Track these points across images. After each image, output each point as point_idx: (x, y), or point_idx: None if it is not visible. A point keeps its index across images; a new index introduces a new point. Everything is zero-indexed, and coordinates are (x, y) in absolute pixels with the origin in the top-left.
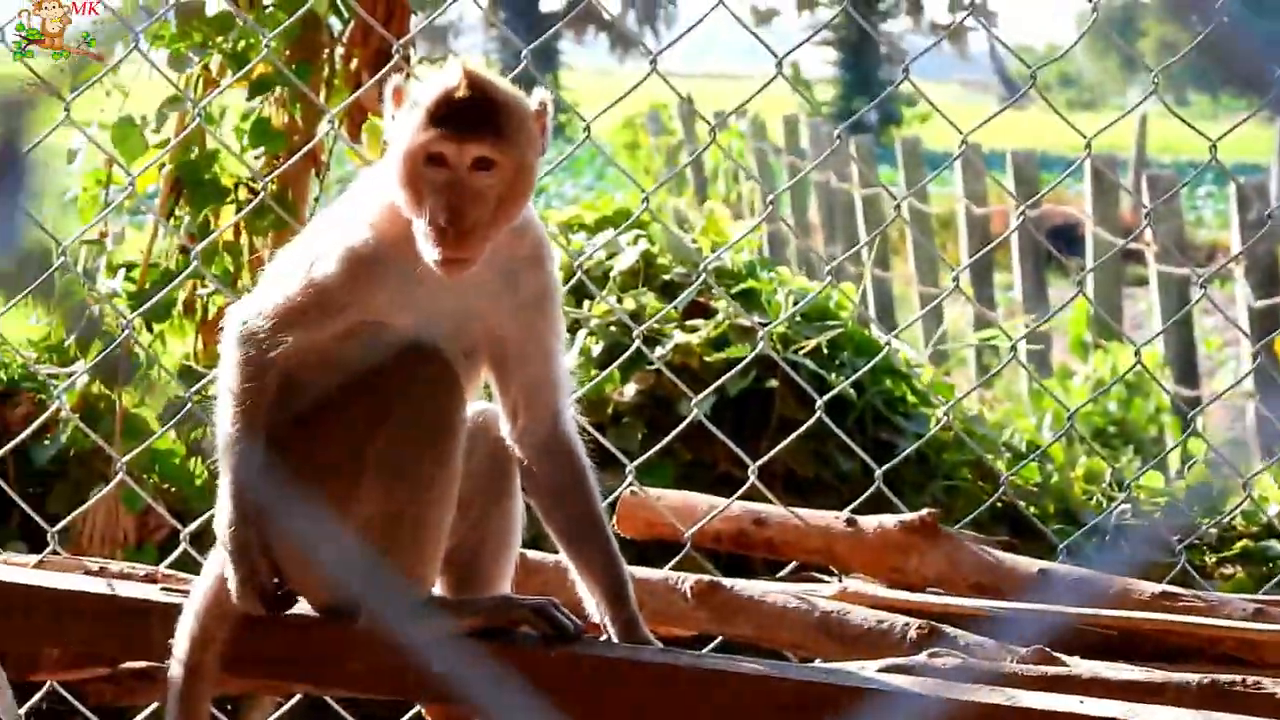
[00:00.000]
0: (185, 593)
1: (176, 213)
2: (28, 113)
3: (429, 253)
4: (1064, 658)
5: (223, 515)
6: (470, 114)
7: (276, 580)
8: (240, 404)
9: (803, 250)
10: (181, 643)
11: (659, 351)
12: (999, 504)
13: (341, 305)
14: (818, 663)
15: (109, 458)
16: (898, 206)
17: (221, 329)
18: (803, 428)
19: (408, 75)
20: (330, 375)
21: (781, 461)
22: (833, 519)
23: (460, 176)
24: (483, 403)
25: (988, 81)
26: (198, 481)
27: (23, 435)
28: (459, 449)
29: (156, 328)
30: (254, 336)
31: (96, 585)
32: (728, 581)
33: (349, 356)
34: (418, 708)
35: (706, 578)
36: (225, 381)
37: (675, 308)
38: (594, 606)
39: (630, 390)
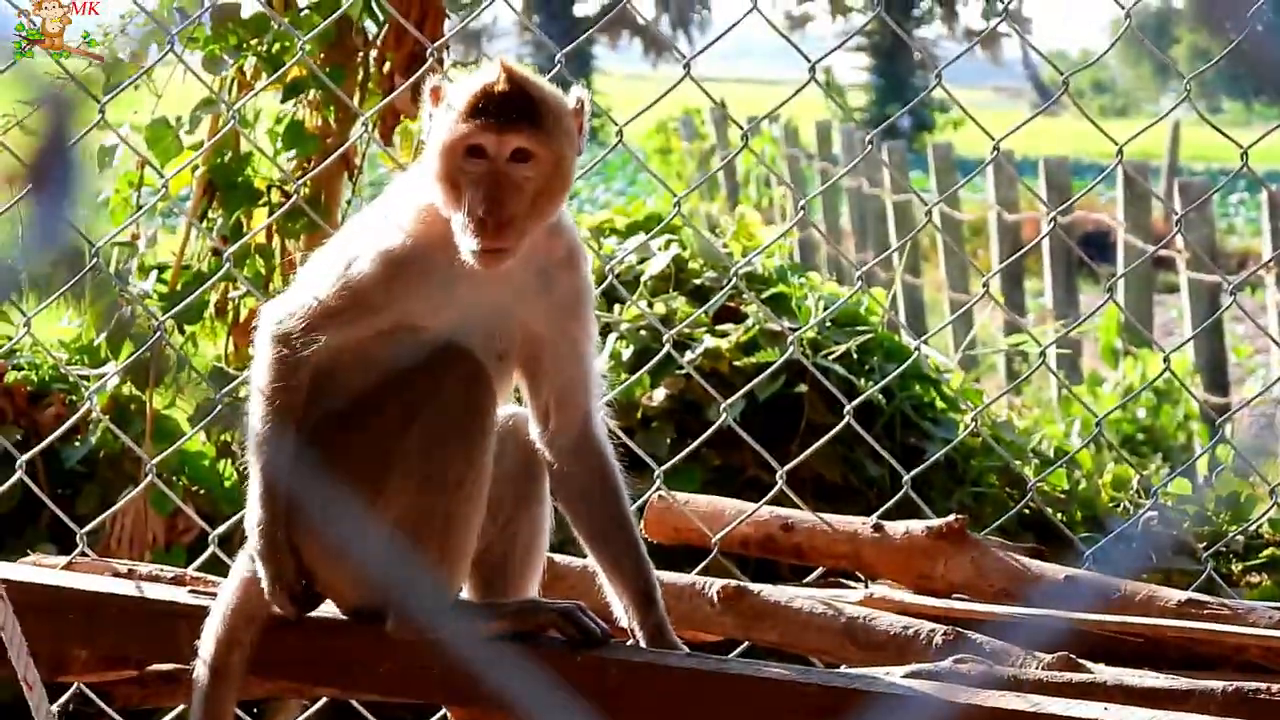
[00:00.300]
0: (213, 595)
1: (209, 215)
2: (71, 111)
3: (467, 244)
4: (1089, 664)
5: (253, 513)
6: (509, 106)
7: (304, 581)
8: (272, 402)
9: (833, 256)
10: (208, 645)
11: (689, 356)
12: (1026, 510)
13: (376, 306)
14: (843, 668)
15: (138, 459)
16: (929, 212)
17: (254, 330)
18: (831, 433)
19: (443, 78)
20: (362, 375)
21: (810, 467)
22: (860, 524)
23: (499, 168)
24: (513, 406)
25: (1021, 88)
26: (227, 484)
27: (53, 436)
28: (490, 451)
29: (188, 329)
30: (287, 336)
31: (125, 587)
32: (754, 587)
33: (381, 356)
34: (444, 711)
35: (733, 583)
36: (257, 380)
37: (705, 312)
38: (622, 611)
39: (660, 394)
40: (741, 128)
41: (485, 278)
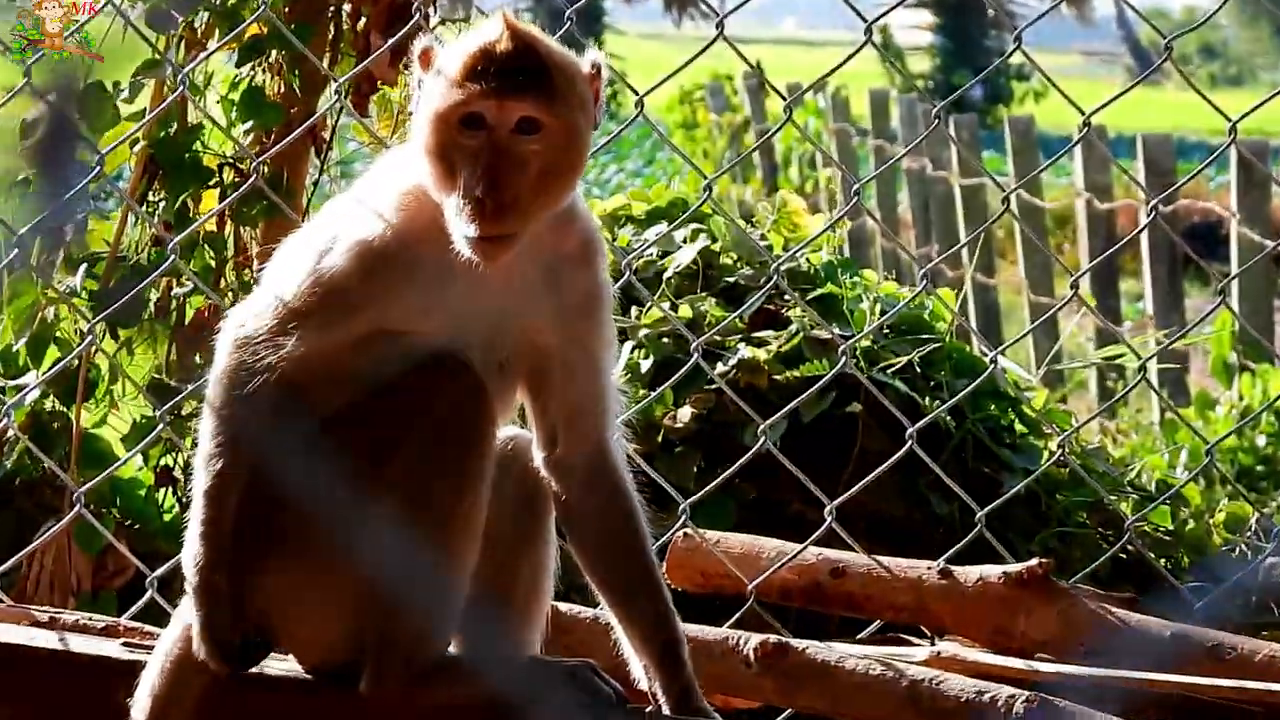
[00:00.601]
0: (150, 649)
1: (150, 197)
2: None
3: (462, 231)
4: None
5: (191, 548)
6: (513, 69)
7: (258, 634)
8: (225, 418)
9: (891, 250)
10: (142, 706)
11: (720, 368)
12: (1123, 554)
13: (353, 308)
14: None
15: (62, 488)
16: (1006, 199)
17: (206, 336)
18: (890, 461)
19: (432, 37)
20: (336, 390)
21: (864, 501)
22: (925, 569)
23: (500, 140)
24: (513, 428)
25: (1115, 52)
26: (167, 517)
27: None
28: (487, 479)
29: (123, 334)
30: (248, 342)
31: (47, 639)
32: (798, 643)
33: (359, 368)
34: None
35: (773, 638)
36: (213, 391)
37: (740, 316)
38: (641, 671)
39: (685, 414)
40: (784, 97)
41: (483, 275)
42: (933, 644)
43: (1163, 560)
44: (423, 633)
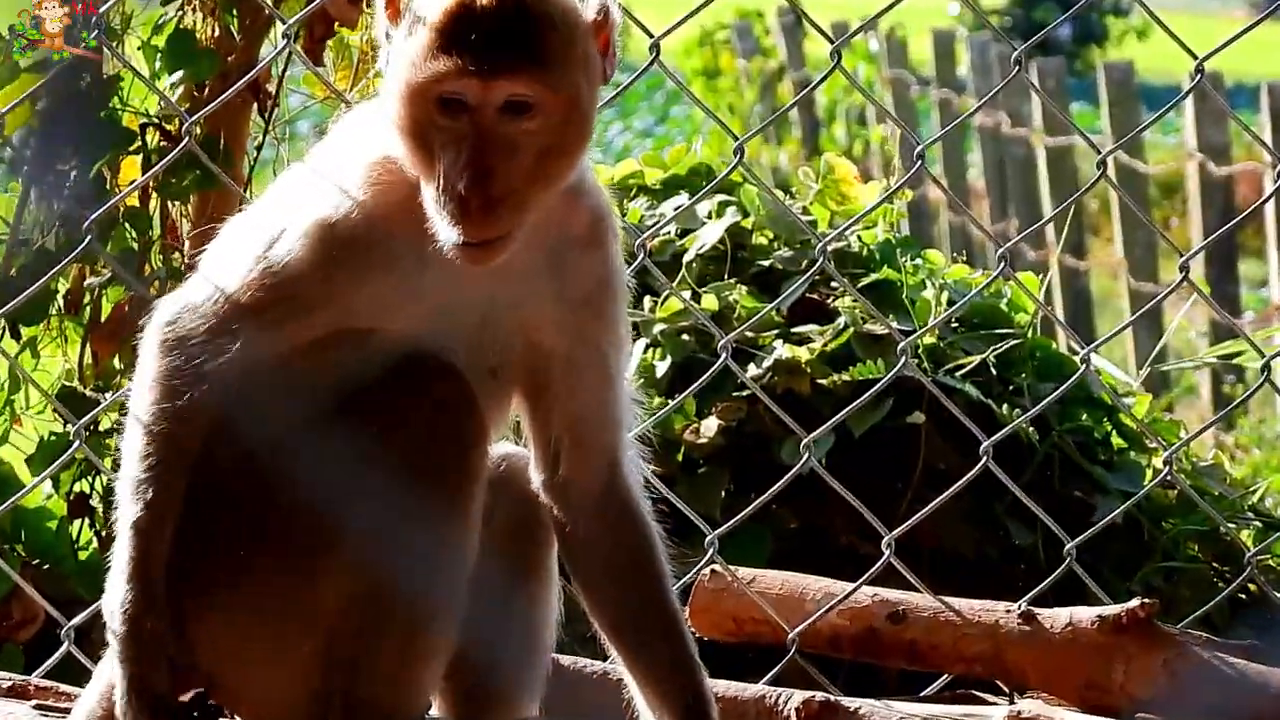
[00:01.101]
0: (66, 711)
1: (58, 166)
2: None
3: (445, 233)
4: None
5: (115, 591)
6: (499, 33)
7: (200, 691)
8: (155, 435)
9: (960, 226)
10: None
11: (753, 370)
12: (1242, 594)
13: (311, 303)
14: None
15: None
16: (1102, 163)
17: (128, 335)
18: (960, 483)
19: None
20: (291, 401)
21: (929, 531)
22: (1003, 612)
23: (486, 123)
24: (507, 446)
25: None
26: (84, 555)
27: None
28: (476, 507)
29: (26, 332)
30: (182, 342)
31: None
32: (850, 702)
33: (319, 375)
34: None
35: (819, 695)
36: (138, 402)
37: (778, 308)
38: None
39: (711, 426)
40: (829, 38)
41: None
42: (1012, 702)
43: None
44: (399, 691)
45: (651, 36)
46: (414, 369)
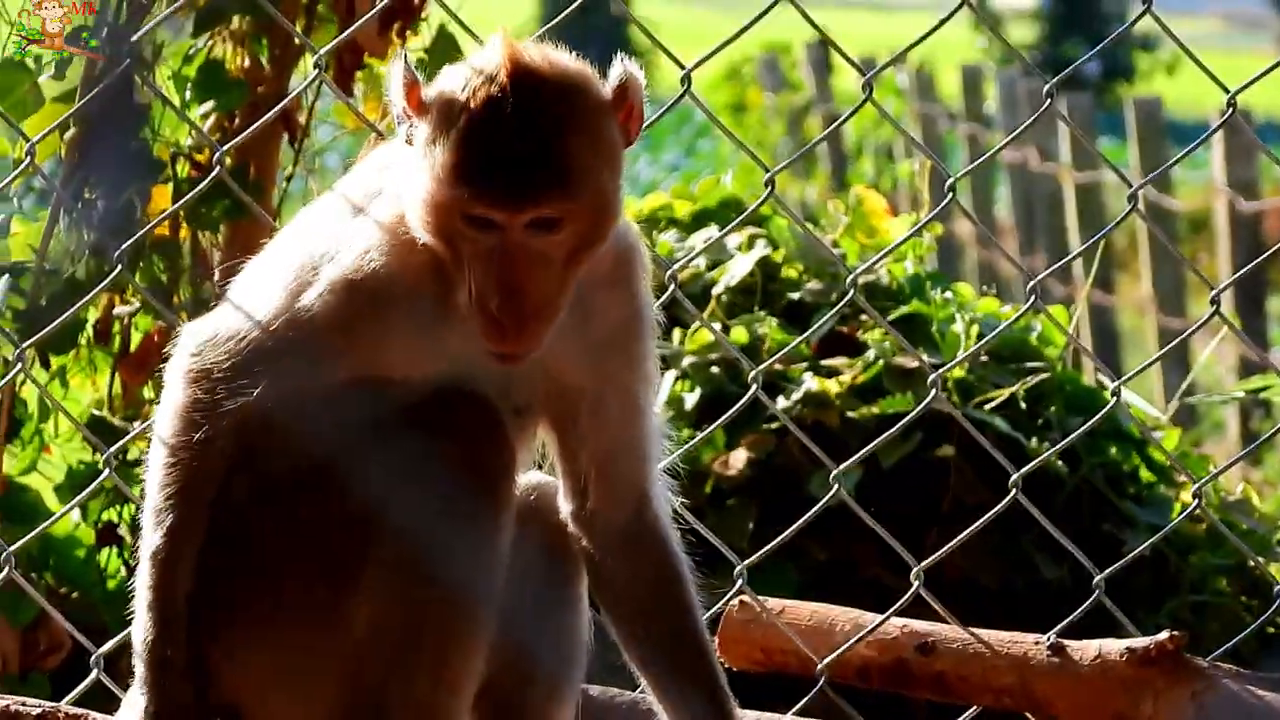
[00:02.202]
0: None
1: (87, 195)
2: None
3: (479, 338)
4: None
5: (141, 622)
6: (523, 157)
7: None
8: (179, 464)
9: (988, 264)
10: None
11: (782, 403)
12: (1272, 627)
13: (335, 353)
14: None
15: None
16: (1133, 197)
17: (156, 364)
18: (990, 514)
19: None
20: (316, 434)
21: (958, 564)
22: (1032, 644)
23: (516, 240)
24: (536, 475)
25: (1262, 16)
26: (111, 584)
27: None
28: (505, 537)
29: (55, 361)
30: (207, 375)
31: None
32: None
33: (345, 408)
34: None
35: None
36: (162, 431)
37: (807, 340)
38: None
39: (740, 459)
40: (860, 69)
41: None
42: None
43: None
44: None
45: (683, 68)
46: (442, 399)
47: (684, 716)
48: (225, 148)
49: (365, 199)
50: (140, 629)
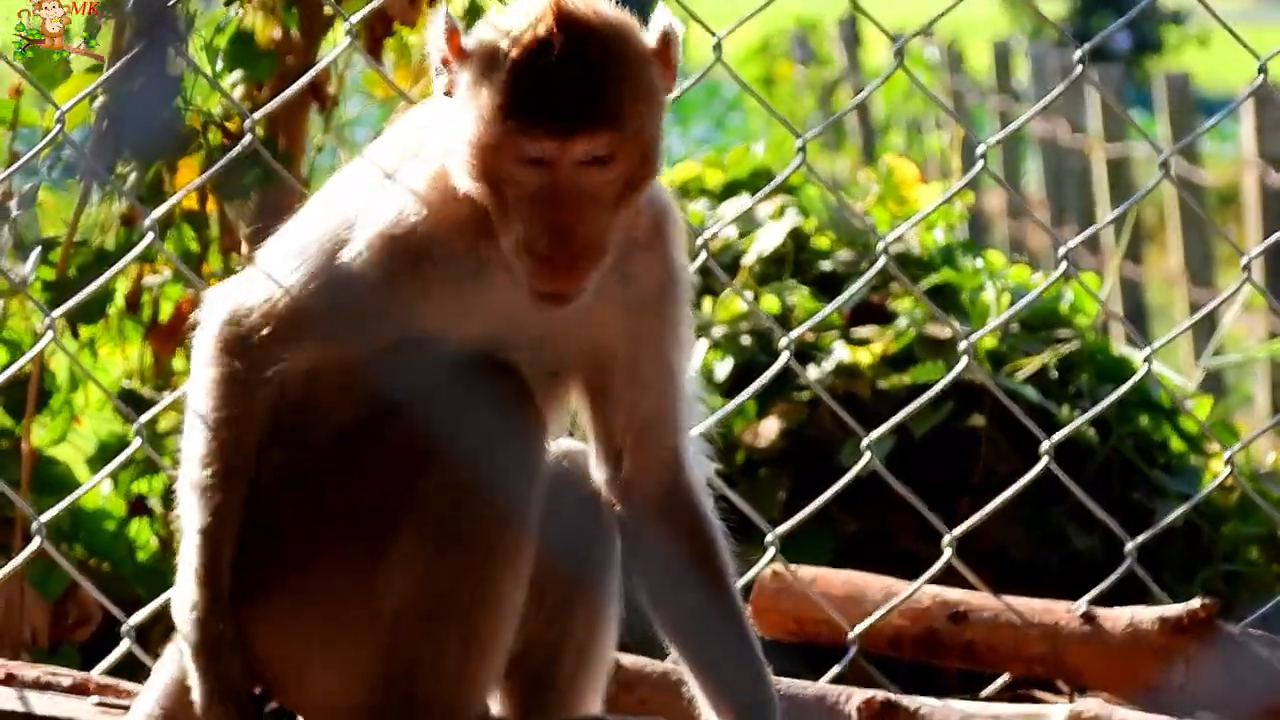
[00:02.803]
0: (126, 708)
1: (118, 167)
2: None
3: (525, 280)
4: None
5: (184, 595)
6: (574, 91)
7: (259, 690)
8: (217, 437)
9: (1017, 233)
10: None
11: (814, 372)
12: None
13: (374, 314)
14: None
15: (10, 520)
16: (1164, 164)
17: (186, 334)
18: (1022, 482)
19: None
20: (351, 399)
21: (989, 533)
22: (1063, 613)
23: (565, 178)
24: (568, 441)
25: None
26: (142, 555)
27: None
28: (537, 504)
29: (85, 332)
30: (243, 343)
31: (4, 699)
32: (910, 701)
33: (376, 376)
34: None
35: (880, 694)
36: (197, 403)
37: (838, 309)
38: None
39: (771, 428)
40: (892, 38)
41: None
42: (1072, 701)
43: None
44: (459, 689)
45: (714, 34)
46: (475, 366)
47: (716, 685)
48: (256, 116)
49: (401, 158)
50: (187, 605)
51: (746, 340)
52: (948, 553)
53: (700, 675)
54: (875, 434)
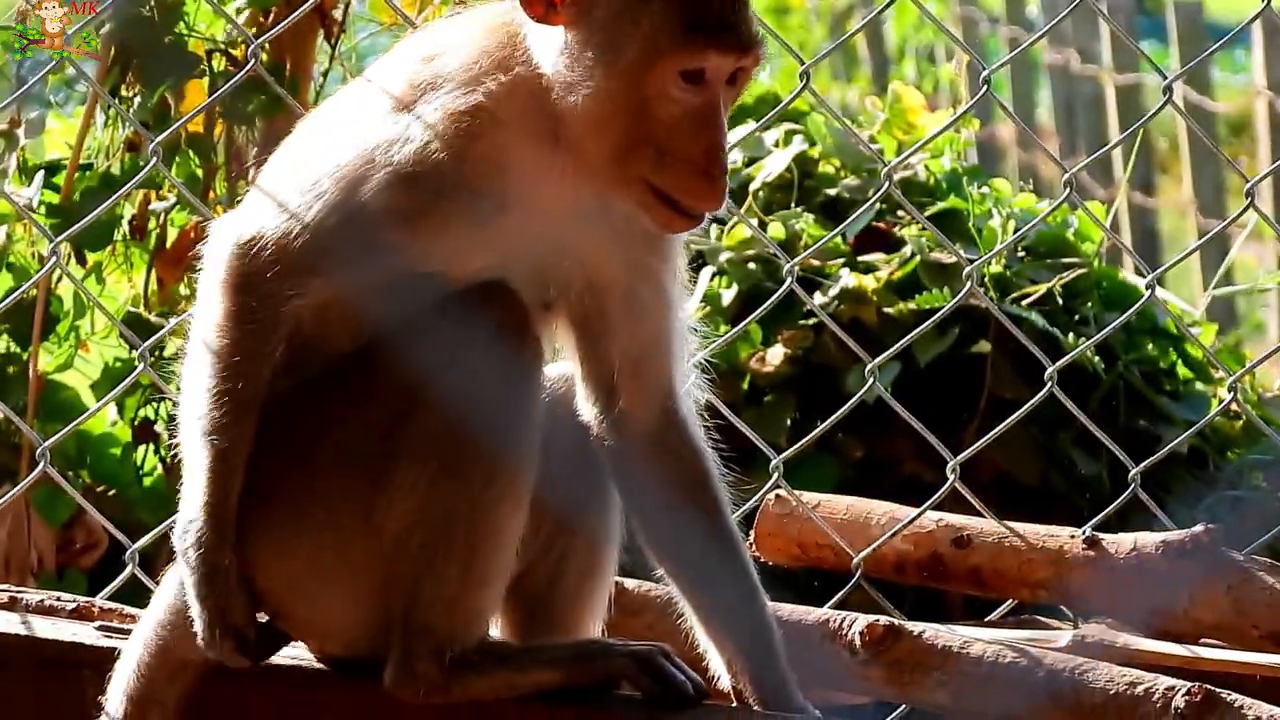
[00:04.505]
0: (129, 633)
1: (123, 92)
2: None
3: (681, 203)
4: None
5: (188, 529)
6: (742, 7)
7: (263, 617)
8: (231, 374)
9: (1027, 163)
10: (116, 705)
11: (819, 299)
12: None
13: (395, 249)
14: None
15: (17, 446)
16: (1168, 89)
17: (192, 260)
18: (1026, 407)
19: None
20: (354, 330)
21: (994, 459)
22: (1068, 538)
23: (716, 95)
24: (564, 365)
25: None
26: (147, 481)
27: None
28: (536, 429)
29: (91, 258)
30: (258, 277)
31: (6, 622)
32: (914, 626)
33: (380, 303)
34: None
35: (883, 620)
36: (205, 336)
37: (843, 236)
38: (723, 667)
39: (776, 354)
40: None
41: (541, 202)
42: (1076, 627)
43: None
44: (458, 615)
45: None
46: (474, 293)
47: (717, 616)
48: (260, 39)
49: (417, 90)
50: (192, 537)
51: (753, 267)
52: (952, 477)
53: (699, 608)
54: (879, 359)
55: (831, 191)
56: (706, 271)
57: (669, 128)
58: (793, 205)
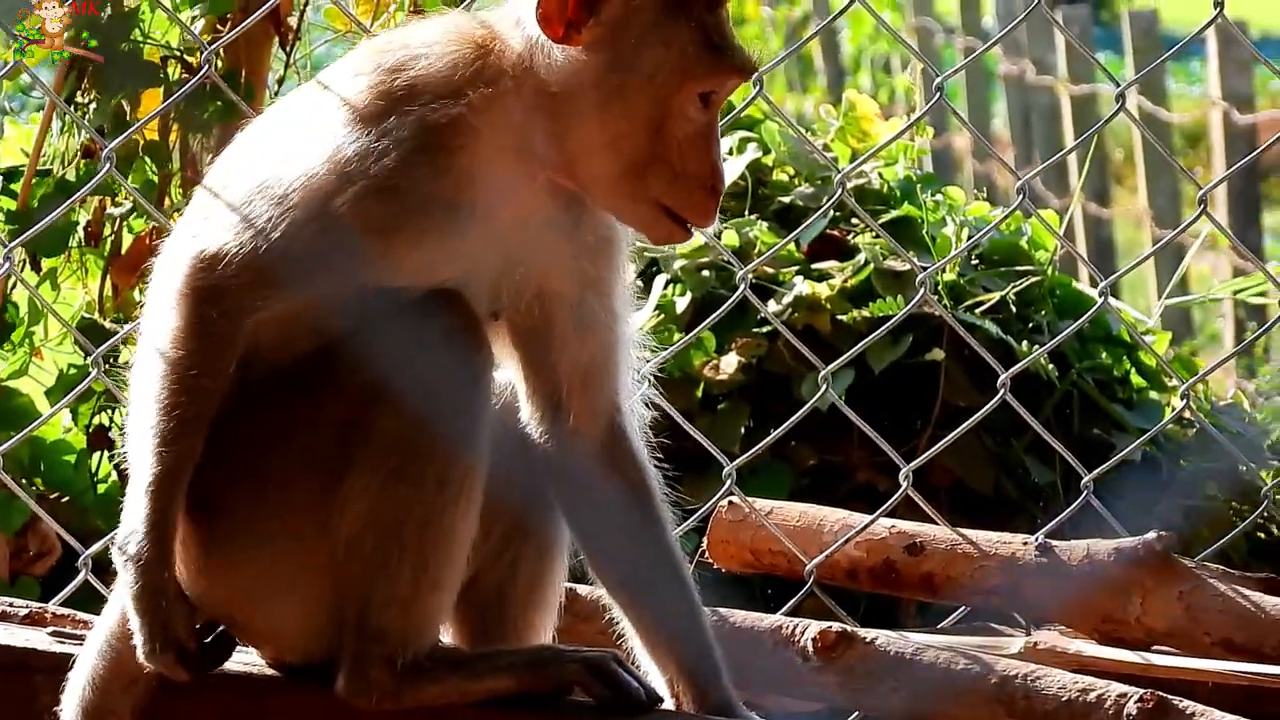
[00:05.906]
0: (82, 638)
1: (78, 98)
2: None
3: (684, 216)
4: None
5: (128, 535)
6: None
7: (215, 625)
8: (184, 386)
9: (985, 175)
10: (72, 713)
11: (773, 306)
12: (1261, 531)
13: (363, 263)
14: None
15: None
16: (1120, 96)
17: (148, 266)
18: (977, 416)
19: None
20: (311, 338)
21: (947, 467)
22: (1020, 545)
23: (715, 116)
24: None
25: None
26: (102, 488)
27: None
28: (486, 433)
29: (46, 264)
30: (219, 291)
31: None
32: (866, 632)
33: (339, 312)
34: None
35: (836, 626)
36: (160, 344)
37: (797, 243)
38: (663, 685)
39: (730, 362)
40: None
41: (499, 215)
42: (1028, 634)
43: None
44: (411, 619)
45: None
46: (421, 300)
47: (660, 635)
48: (214, 45)
49: (392, 101)
50: (131, 551)
51: (707, 274)
52: (905, 484)
53: (640, 626)
54: (833, 366)
55: (785, 199)
56: (660, 279)
57: (680, 146)
58: (747, 213)
